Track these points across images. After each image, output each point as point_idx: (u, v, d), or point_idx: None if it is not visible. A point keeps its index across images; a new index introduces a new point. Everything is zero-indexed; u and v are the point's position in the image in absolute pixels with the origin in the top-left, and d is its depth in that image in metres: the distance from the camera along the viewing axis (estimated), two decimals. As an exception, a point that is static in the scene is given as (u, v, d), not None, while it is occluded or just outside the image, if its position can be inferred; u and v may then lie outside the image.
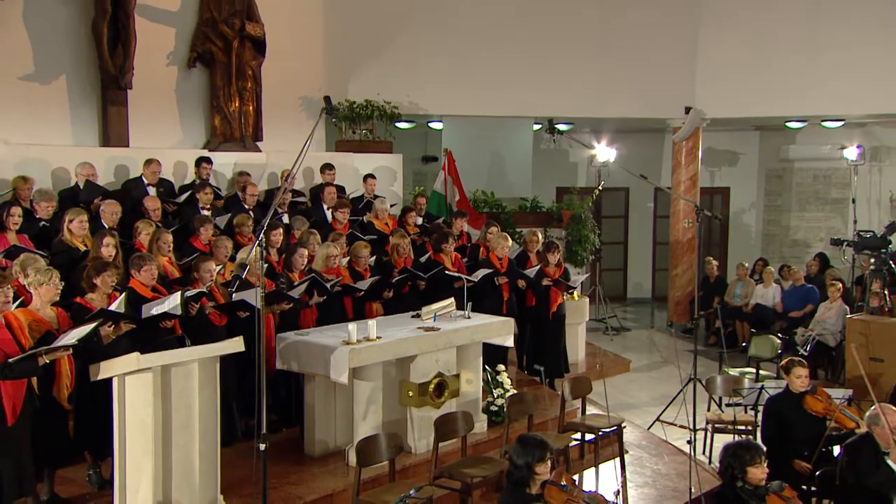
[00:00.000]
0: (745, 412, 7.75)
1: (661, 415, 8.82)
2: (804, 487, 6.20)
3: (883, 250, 9.38)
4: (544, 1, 13.14)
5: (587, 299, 11.58)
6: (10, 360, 4.79)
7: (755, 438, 7.15)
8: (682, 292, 14.47)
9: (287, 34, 11.29)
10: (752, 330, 10.78)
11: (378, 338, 6.58)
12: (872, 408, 5.46)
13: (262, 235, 4.98)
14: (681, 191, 14.23)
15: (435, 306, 7.51)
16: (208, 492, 5.41)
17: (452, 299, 7.75)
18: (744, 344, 10.82)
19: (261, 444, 4.70)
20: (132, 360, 4.95)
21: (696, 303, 9.21)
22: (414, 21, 12.67)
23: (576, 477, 7.27)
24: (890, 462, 5.25)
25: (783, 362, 6.66)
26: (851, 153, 14.69)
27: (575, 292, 11.01)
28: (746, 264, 13.62)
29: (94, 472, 5.95)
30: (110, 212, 7.83)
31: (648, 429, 8.72)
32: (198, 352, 5.44)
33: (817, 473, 6.04)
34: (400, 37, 12.64)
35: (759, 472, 4.92)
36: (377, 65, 12.53)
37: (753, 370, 9.54)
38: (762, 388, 7.06)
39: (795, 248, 16.41)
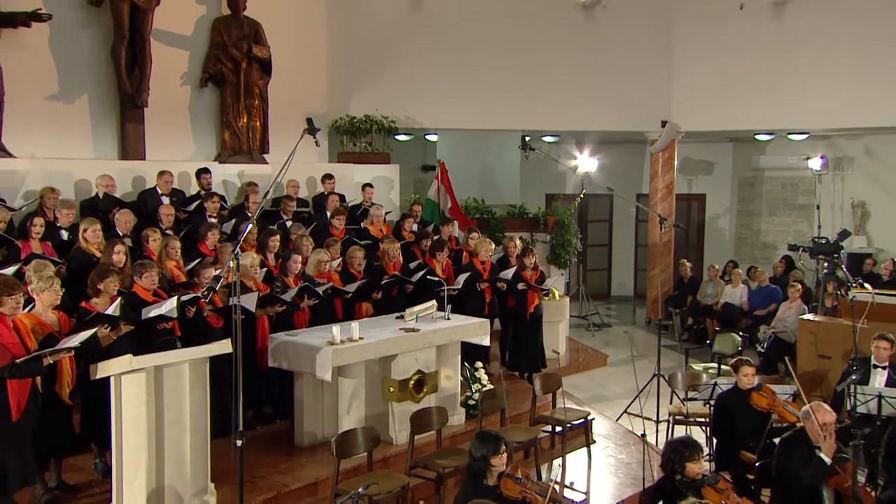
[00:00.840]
0: (705, 405, 7.77)
1: (628, 407, 8.83)
2: (750, 477, 6.22)
3: (835, 255, 9.39)
4: (532, 24, 13.12)
5: (567, 299, 11.58)
6: (18, 360, 4.85)
7: (710, 430, 7.18)
8: (659, 291, 14.43)
9: (292, 55, 11.33)
10: (717, 328, 10.77)
11: (361, 338, 6.62)
12: (806, 406, 5.48)
13: (237, 248, 5.01)
14: (658, 198, 14.20)
15: (417, 308, 7.53)
16: (199, 481, 5.46)
17: (434, 301, 7.76)
18: (708, 342, 10.80)
19: (237, 441, 4.75)
20: (126, 361, 4.99)
21: (659, 305, 9.21)
22: (410, 42, 12.69)
23: (545, 466, 7.30)
24: (820, 455, 5.26)
25: (732, 361, 6.68)
26: (816, 163, 14.68)
27: (557, 293, 11.03)
28: (717, 266, 13.59)
29: (99, 461, 6.04)
30: (124, 220, 7.89)
31: (617, 420, 8.74)
32: (189, 353, 5.48)
33: (757, 465, 6.05)
34: (397, 57, 12.65)
35: (696, 467, 4.95)
36: (376, 82, 12.55)
37: (717, 365, 9.54)
38: (715, 384, 7.08)
39: (765, 250, 16.38)
